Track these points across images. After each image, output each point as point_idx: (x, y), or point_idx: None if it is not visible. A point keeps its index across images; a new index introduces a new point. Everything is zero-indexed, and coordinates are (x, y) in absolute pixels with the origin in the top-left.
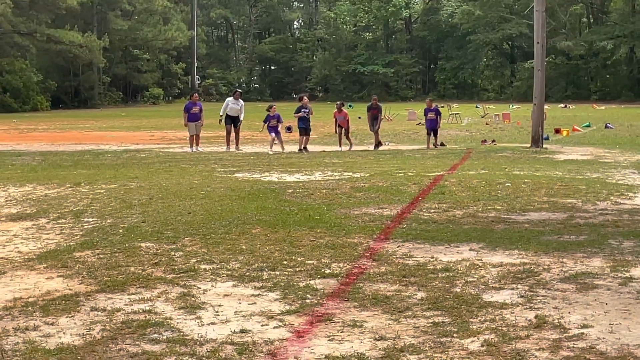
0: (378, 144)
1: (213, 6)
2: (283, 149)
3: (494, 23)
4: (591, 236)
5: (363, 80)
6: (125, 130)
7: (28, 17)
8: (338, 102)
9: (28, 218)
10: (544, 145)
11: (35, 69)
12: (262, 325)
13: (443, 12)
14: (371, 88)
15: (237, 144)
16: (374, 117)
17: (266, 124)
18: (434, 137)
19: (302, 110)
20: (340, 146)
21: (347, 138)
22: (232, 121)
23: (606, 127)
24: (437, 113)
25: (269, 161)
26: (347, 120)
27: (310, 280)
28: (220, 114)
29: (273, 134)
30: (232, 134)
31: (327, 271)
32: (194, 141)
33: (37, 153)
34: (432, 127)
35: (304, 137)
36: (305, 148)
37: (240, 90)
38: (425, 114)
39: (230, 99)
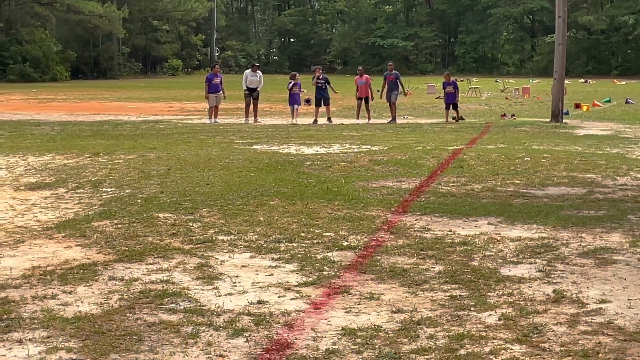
0: (394, 118)
1: None
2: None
3: None
4: (610, 211)
5: (382, 54)
6: (144, 101)
7: None
8: (360, 68)
9: (47, 187)
10: (564, 120)
11: (55, 39)
12: (279, 297)
13: None
14: (391, 61)
15: (255, 116)
16: (390, 85)
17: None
18: (454, 111)
19: (317, 80)
20: (357, 118)
21: (367, 109)
22: (251, 93)
23: (627, 102)
24: (455, 87)
25: (288, 133)
26: (369, 85)
27: (327, 252)
28: (244, 87)
29: (295, 106)
30: (251, 107)
31: (345, 243)
32: (213, 113)
33: (56, 123)
34: (451, 101)
35: (326, 108)
36: (328, 119)
37: (258, 64)
38: (444, 88)
39: (248, 71)
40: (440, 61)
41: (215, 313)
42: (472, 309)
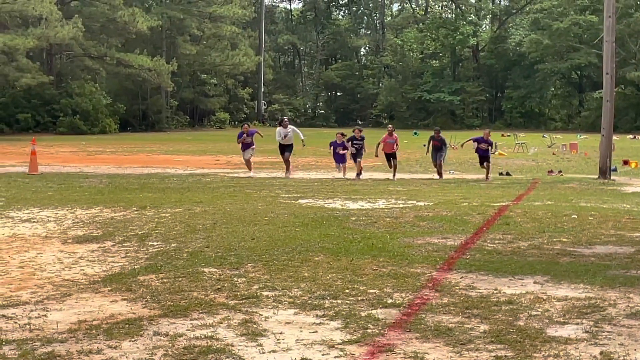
0: (440, 175)
1: (280, 32)
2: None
3: (562, 52)
4: None
5: (429, 108)
6: (191, 154)
7: (99, 41)
8: (390, 126)
9: (94, 240)
10: (612, 177)
11: (105, 92)
12: (322, 355)
13: (511, 41)
14: (437, 116)
15: (287, 170)
16: (436, 148)
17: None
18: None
19: (354, 142)
20: (390, 167)
21: (394, 166)
22: (285, 149)
23: None
24: (490, 144)
25: (333, 188)
26: (396, 142)
27: (372, 309)
28: (277, 139)
29: (341, 165)
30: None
31: (389, 301)
32: (248, 166)
33: (104, 176)
34: (484, 155)
35: (357, 163)
36: (357, 174)
37: (286, 119)
38: (480, 142)
39: (279, 128)
40: (487, 116)
41: None
42: None
